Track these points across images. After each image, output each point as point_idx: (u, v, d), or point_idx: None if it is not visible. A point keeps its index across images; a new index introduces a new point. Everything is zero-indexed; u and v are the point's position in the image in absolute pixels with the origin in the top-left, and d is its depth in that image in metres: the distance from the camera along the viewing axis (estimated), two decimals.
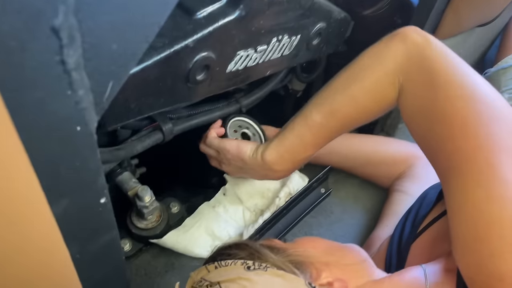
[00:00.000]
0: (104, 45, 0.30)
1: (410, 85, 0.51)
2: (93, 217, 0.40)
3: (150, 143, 0.73)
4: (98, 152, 0.35)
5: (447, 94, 0.47)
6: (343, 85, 0.58)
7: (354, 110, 0.57)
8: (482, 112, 0.44)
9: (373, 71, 0.54)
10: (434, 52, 0.50)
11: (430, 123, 0.48)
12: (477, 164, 0.42)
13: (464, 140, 0.43)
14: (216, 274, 0.49)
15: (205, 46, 0.55)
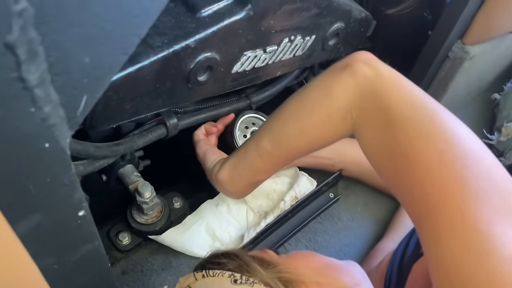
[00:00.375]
0: (74, 59, 0.27)
1: (367, 127, 0.47)
2: (71, 230, 0.38)
3: (153, 138, 0.70)
4: (72, 167, 0.33)
5: (406, 134, 0.42)
6: (293, 117, 0.54)
7: (304, 142, 0.55)
8: (446, 152, 0.39)
9: (323, 106, 0.50)
10: (386, 87, 0.45)
11: (395, 167, 0.43)
12: (447, 212, 0.37)
13: (431, 185, 0.38)
14: (202, 283, 0.48)
15: (208, 46, 0.51)
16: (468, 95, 1.02)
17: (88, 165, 0.61)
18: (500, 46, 0.88)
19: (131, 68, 0.46)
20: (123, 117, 0.51)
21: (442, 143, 0.40)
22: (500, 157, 0.98)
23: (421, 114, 0.42)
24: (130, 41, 0.29)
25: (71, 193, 0.34)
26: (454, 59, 0.82)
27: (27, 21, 0.23)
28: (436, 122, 0.41)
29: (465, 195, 0.36)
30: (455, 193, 0.37)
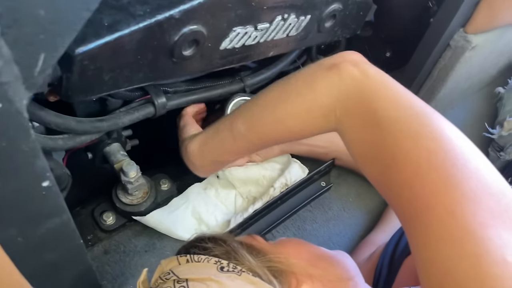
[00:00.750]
0: (27, 10, 0.25)
1: (352, 128, 0.45)
2: (35, 201, 0.36)
3: (140, 117, 0.68)
4: (31, 132, 0.31)
5: (393, 135, 0.41)
6: (272, 104, 0.53)
7: (280, 132, 0.54)
8: (436, 152, 0.38)
9: (305, 100, 0.49)
10: (374, 88, 0.44)
11: (382, 168, 0.42)
12: (437, 213, 0.35)
13: (420, 186, 0.37)
14: (186, 269, 0.45)
15: (194, 18, 0.49)
16: (469, 88, 0.99)
17: (68, 140, 0.59)
18: (504, 37, 0.85)
19: (109, 37, 0.44)
20: (102, 88, 0.48)
21: (431, 143, 0.38)
22: (501, 152, 0.96)
23: (409, 115, 0.41)
24: None
25: (32, 161, 0.33)
26: (455, 48, 0.79)
27: None
28: (424, 123, 0.40)
29: (456, 195, 0.35)
30: (446, 194, 0.35)
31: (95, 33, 0.44)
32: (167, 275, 0.46)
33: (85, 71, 0.44)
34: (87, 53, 0.43)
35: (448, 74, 0.83)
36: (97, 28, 0.44)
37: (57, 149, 0.57)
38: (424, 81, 0.88)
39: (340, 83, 0.46)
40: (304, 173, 0.84)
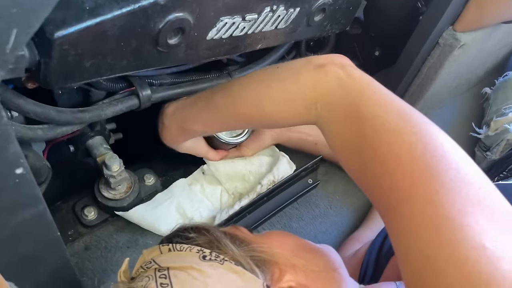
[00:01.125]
0: None
1: (332, 122, 0.47)
2: (7, 189, 0.34)
3: (123, 109, 0.66)
4: (3, 115, 0.29)
5: (374, 129, 0.42)
6: (254, 87, 0.54)
7: (255, 114, 0.54)
8: (416, 144, 0.39)
9: (288, 89, 0.50)
10: (357, 87, 0.46)
11: (362, 161, 0.43)
12: (418, 203, 0.36)
13: (401, 176, 0.38)
14: (168, 257, 0.45)
15: (180, 5, 0.47)
16: (457, 87, 0.99)
17: (48, 130, 0.57)
18: (492, 37, 0.86)
19: (90, 21, 0.42)
20: (83, 75, 0.47)
21: (411, 136, 0.40)
22: (487, 151, 0.96)
23: (390, 111, 0.42)
24: None
25: (4, 145, 0.31)
26: (444, 46, 0.79)
27: None
28: (404, 118, 0.41)
29: (436, 185, 0.36)
30: (426, 184, 0.36)
31: (76, 16, 0.42)
32: (149, 264, 0.45)
33: (65, 56, 0.43)
34: (67, 37, 0.41)
35: (437, 72, 0.83)
36: (78, 11, 0.42)
37: (36, 139, 0.55)
38: (413, 79, 0.88)
39: (324, 80, 0.47)
40: (291, 170, 0.83)
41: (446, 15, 0.73)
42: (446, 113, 1.06)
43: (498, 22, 0.81)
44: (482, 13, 0.74)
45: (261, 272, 0.44)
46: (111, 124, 0.79)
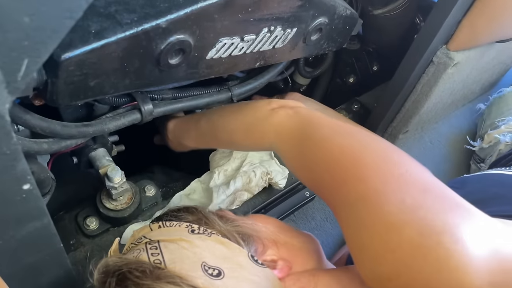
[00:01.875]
0: (11, 17, 0.25)
1: (284, 146, 0.57)
2: (15, 204, 0.36)
3: (126, 123, 0.68)
4: (13, 135, 0.31)
5: (315, 143, 0.52)
6: (227, 119, 0.69)
7: (229, 141, 0.70)
8: (345, 145, 0.48)
9: (250, 123, 0.64)
10: (303, 118, 0.57)
11: (315, 176, 0.51)
12: (352, 185, 0.44)
13: (338, 171, 0.46)
14: (158, 232, 0.48)
15: (180, 28, 0.50)
16: (452, 103, 1.01)
17: (53, 144, 0.59)
18: (486, 55, 0.88)
19: (96, 44, 0.44)
20: (87, 94, 0.49)
21: (357, 145, 0.48)
22: (481, 163, 0.98)
23: (334, 129, 0.52)
24: (76, 4, 0.28)
25: (13, 164, 0.33)
26: (438, 64, 0.81)
27: None
28: (339, 127, 0.52)
29: (367, 172, 0.44)
30: (358, 171, 0.45)
31: (82, 39, 0.44)
32: (139, 239, 0.48)
33: (71, 76, 0.45)
34: (73, 58, 0.44)
35: (432, 90, 0.85)
36: (84, 34, 0.44)
37: (41, 153, 0.57)
38: (409, 95, 0.90)
39: (276, 117, 0.59)
40: (285, 173, 0.84)
41: (439, 34, 0.75)
42: (442, 128, 1.08)
43: (491, 41, 0.84)
44: (475, 32, 0.76)
45: (246, 245, 0.48)
46: (114, 137, 0.81)
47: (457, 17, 0.73)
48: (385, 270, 0.38)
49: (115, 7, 0.46)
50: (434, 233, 0.36)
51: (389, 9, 0.81)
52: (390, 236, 0.38)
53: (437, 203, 0.39)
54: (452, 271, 0.35)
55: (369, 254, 0.40)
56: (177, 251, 0.44)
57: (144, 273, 0.42)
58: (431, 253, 0.35)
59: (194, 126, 0.76)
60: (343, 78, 1.12)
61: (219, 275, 0.42)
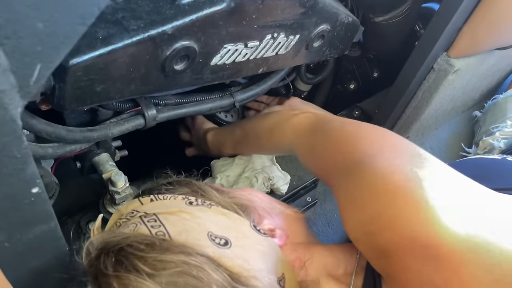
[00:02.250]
0: (26, 23, 0.26)
1: (299, 140, 0.63)
2: (24, 207, 0.37)
3: (130, 128, 0.69)
4: (24, 139, 0.32)
5: (326, 133, 0.57)
6: (256, 120, 0.79)
7: (256, 142, 0.77)
8: (355, 130, 0.54)
9: (273, 123, 0.71)
10: (316, 117, 0.63)
11: (320, 160, 0.57)
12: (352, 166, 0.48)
13: (344, 148, 0.52)
14: (152, 206, 0.46)
15: (186, 34, 0.51)
16: (452, 110, 1.02)
17: (58, 149, 0.59)
18: (486, 62, 0.89)
19: (103, 49, 0.45)
20: (94, 99, 0.49)
21: (360, 130, 0.54)
22: None
23: (343, 121, 0.58)
24: (88, 11, 0.28)
25: (23, 167, 0.33)
26: (438, 71, 0.82)
27: None
28: (356, 123, 0.57)
29: (369, 152, 0.48)
30: (363, 153, 0.49)
31: (89, 45, 0.45)
32: (130, 214, 0.45)
33: (78, 81, 0.46)
34: (81, 64, 0.44)
35: (432, 96, 0.86)
36: (91, 40, 0.45)
37: (46, 157, 0.58)
38: (410, 101, 0.90)
39: (295, 118, 0.66)
40: (286, 178, 0.85)
41: (440, 41, 0.76)
42: (442, 133, 1.09)
43: (491, 49, 0.85)
44: (475, 40, 0.77)
45: (245, 215, 0.48)
46: (117, 142, 0.82)
47: (458, 24, 0.74)
48: (369, 213, 0.43)
49: (122, 14, 0.47)
50: (401, 179, 0.42)
51: (390, 17, 0.82)
52: (375, 185, 0.43)
53: (409, 159, 0.45)
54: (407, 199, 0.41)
55: (356, 203, 0.45)
56: (180, 221, 0.42)
57: (150, 246, 0.39)
58: (399, 191, 0.42)
59: (230, 135, 0.84)
60: (344, 84, 1.13)
61: (226, 244, 0.42)
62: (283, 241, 0.49)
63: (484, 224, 0.39)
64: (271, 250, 0.46)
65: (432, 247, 0.38)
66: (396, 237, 0.40)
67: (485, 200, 0.43)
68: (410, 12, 0.84)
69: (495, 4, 0.69)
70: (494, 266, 0.36)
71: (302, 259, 0.49)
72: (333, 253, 0.52)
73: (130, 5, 0.48)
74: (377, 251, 0.42)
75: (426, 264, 0.38)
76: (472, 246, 0.37)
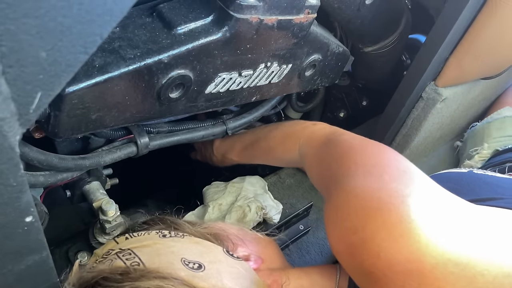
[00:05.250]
0: (30, 52, 0.26)
1: (309, 150, 0.65)
2: (16, 236, 0.36)
3: (122, 156, 0.69)
4: (21, 167, 0.31)
5: (335, 144, 0.59)
6: (269, 128, 0.82)
7: (267, 148, 0.79)
8: (361, 144, 0.57)
9: (287, 131, 0.74)
10: (333, 129, 0.66)
11: (323, 168, 0.58)
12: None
13: (346, 158, 0.54)
14: (127, 242, 0.47)
15: (181, 63, 0.51)
16: (440, 137, 1.03)
17: (50, 177, 0.59)
18: (472, 91, 0.91)
19: (99, 77, 0.45)
20: (88, 127, 0.49)
21: (365, 144, 0.57)
22: None
23: (354, 136, 0.60)
24: (91, 40, 0.28)
25: (18, 196, 0.33)
26: (427, 100, 0.83)
27: None
28: (365, 139, 0.59)
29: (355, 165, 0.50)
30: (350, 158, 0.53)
31: (86, 73, 0.45)
32: (106, 253, 0.46)
33: (74, 109, 0.46)
34: (77, 92, 0.44)
35: (421, 124, 0.87)
36: (88, 68, 0.45)
37: (37, 185, 0.57)
38: (399, 129, 0.92)
39: (311, 127, 0.68)
40: (278, 207, 0.85)
41: (428, 71, 0.78)
42: (431, 161, 1.10)
43: (476, 78, 0.87)
44: (461, 70, 0.79)
45: (218, 244, 0.49)
46: (108, 170, 0.81)
47: (444, 55, 0.76)
48: (351, 225, 0.43)
49: (119, 43, 0.48)
50: (385, 195, 0.43)
51: (378, 47, 0.84)
52: (360, 198, 0.44)
53: (397, 177, 0.46)
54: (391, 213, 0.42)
55: (340, 216, 0.45)
56: (153, 251, 0.44)
57: (124, 275, 0.40)
58: (382, 207, 0.42)
59: (239, 139, 0.85)
60: (334, 112, 1.14)
61: (200, 268, 0.43)
62: (258, 264, 0.50)
63: (468, 237, 0.39)
64: (245, 273, 0.46)
65: (415, 261, 0.38)
66: (377, 251, 0.40)
67: (467, 214, 0.43)
68: (398, 42, 0.87)
69: (480, 36, 0.72)
70: (476, 277, 0.37)
71: (278, 282, 0.51)
72: (311, 276, 0.54)
73: (127, 34, 0.49)
74: (359, 267, 0.42)
75: (409, 280, 0.38)
76: (455, 259, 0.37)
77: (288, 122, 0.78)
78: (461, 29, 0.72)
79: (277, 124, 0.81)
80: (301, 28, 0.60)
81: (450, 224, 0.41)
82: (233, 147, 0.86)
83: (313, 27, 0.65)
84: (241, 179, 0.87)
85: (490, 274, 0.36)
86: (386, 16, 0.78)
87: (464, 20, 0.70)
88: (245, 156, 0.85)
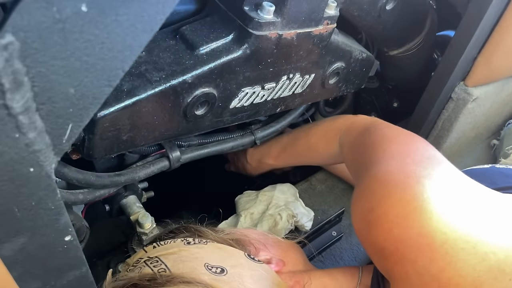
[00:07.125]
0: (59, 90, 0.29)
1: (348, 139, 0.67)
2: (57, 255, 0.39)
3: (155, 171, 0.72)
4: (57, 192, 0.34)
5: (371, 132, 0.60)
6: (310, 125, 0.82)
7: (306, 145, 0.79)
8: (393, 133, 0.58)
9: (327, 125, 0.75)
10: (373, 120, 0.66)
11: (357, 154, 0.60)
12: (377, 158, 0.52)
13: (372, 152, 0.55)
14: (154, 251, 0.51)
15: (205, 82, 0.53)
16: (476, 137, 1.01)
17: (88, 194, 0.62)
18: (506, 88, 0.88)
19: (128, 101, 0.48)
20: (120, 147, 0.52)
21: (397, 133, 0.58)
22: None
23: (390, 126, 0.62)
24: (114, 74, 0.31)
25: (57, 218, 0.36)
26: (457, 100, 0.82)
27: (12, 54, 0.25)
28: (400, 129, 0.61)
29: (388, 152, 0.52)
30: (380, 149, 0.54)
31: (115, 98, 0.48)
32: (136, 262, 0.51)
33: (106, 132, 0.49)
34: (108, 116, 0.47)
35: (452, 125, 0.86)
36: (117, 93, 0.48)
37: (77, 203, 0.61)
38: (430, 131, 0.90)
39: (353, 118, 0.69)
40: (310, 215, 0.85)
41: (456, 71, 0.77)
42: (467, 161, 1.08)
43: (508, 76, 0.85)
44: (491, 68, 0.77)
45: (240, 248, 0.51)
46: (143, 183, 0.85)
47: (472, 54, 0.75)
48: (369, 204, 0.45)
49: (145, 67, 0.50)
50: (403, 175, 0.45)
51: (404, 50, 0.83)
52: (380, 180, 0.46)
53: (419, 161, 0.47)
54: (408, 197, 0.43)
55: (361, 196, 0.47)
56: (179, 258, 0.47)
57: (152, 281, 0.44)
58: (398, 185, 0.44)
59: (275, 142, 0.86)
60: None
61: (222, 272, 0.45)
62: (279, 267, 0.52)
63: (480, 218, 0.40)
64: (266, 275, 0.49)
65: (426, 236, 0.39)
66: (390, 226, 0.42)
67: (482, 198, 0.44)
68: (424, 44, 0.86)
69: (508, 34, 0.70)
70: (488, 255, 0.37)
71: (301, 283, 0.52)
72: (333, 276, 0.55)
73: (152, 58, 0.51)
74: (374, 244, 0.44)
75: (421, 255, 0.39)
76: (466, 236, 0.38)
77: (328, 118, 0.79)
78: (488, 27, 0.71)
79: (317, 121, 0.82)
80: (321, 39, 0.61)
81: (464, 205, 0.41)
82: (269, 151, 0.87)
83: (334, 36, 0.65)
84: (272, 187, 0.88)
85: (502, 252, 0.37)
86: (408, 20, 0.77)
87: (490, 18, 0.69)
88: (283, 158, 0.85)
